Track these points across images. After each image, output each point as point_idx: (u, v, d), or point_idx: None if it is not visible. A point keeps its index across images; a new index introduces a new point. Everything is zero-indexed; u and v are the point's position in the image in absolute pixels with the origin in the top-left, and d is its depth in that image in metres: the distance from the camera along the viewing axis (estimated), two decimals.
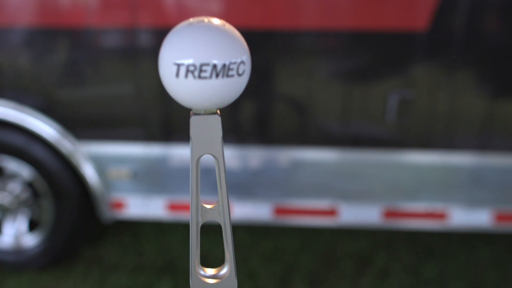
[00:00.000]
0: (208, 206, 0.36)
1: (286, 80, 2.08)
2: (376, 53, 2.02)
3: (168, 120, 2.16)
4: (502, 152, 2.10)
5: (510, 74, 2.04)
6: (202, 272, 0.36)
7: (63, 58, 2.11)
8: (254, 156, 2.18)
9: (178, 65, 0.32)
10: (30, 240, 2.42)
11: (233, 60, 0.33)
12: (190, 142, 0.33)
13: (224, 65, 0.32)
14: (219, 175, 0.34)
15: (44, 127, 2.18)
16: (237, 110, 2.14)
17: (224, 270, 0.37)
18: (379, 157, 2.12)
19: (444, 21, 1.92)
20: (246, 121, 2.16)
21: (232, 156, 2.17)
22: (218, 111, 0.32)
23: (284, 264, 2.45)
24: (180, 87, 0.30)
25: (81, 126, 2.20)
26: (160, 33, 2.04)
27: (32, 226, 2.45)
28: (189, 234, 0.35)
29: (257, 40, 2.00)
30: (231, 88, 0.30)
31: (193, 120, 0.31)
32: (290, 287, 2.30)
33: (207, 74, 0.32)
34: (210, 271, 0.37)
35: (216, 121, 0.32)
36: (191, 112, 0.33)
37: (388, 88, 2.01)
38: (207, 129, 0.33)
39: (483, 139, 2.08)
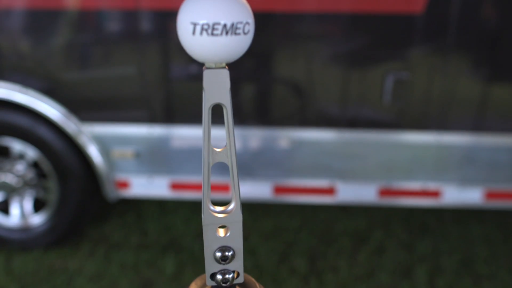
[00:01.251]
0: (218, 150, 0.42)
1: (285, 63, 2.14)
2: (373, 36, 2.08)
3: (170, 102, 2.22)
4: (494, 133, 2.17)
5: (504, 57, 2.11)
6: (212, 208, 0.42)
7: (67, 41, 2.16)
8: (255, 137, 2.24)
9: (194, 24, 0.38)
10: (37, 219, 2.49)
11: (240, 21, 0.39)
12: (203, 93, 0.39)
13: (232, 24, 0.39)
14: (227, 122, 0.40)
15: (50, 109, 2.23)
16: (238, 92, 2.21)
17: (231, 206, 0.43)
18: (375, 138, 2.19)
19: (439, 5, 1.99)
20: (246, 103, 2.23)
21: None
22: (226, 66, 0.38)
23: (283, 242, 2.54)
24: (196, 43, 0.36)
25: (84, 108, 2.25)
26: (163, 16, 2.09)
27: (39, 205, 2.51)
28: (202, 175, 0.42)
29: (256, 23, 2.05)
30: (238, 44, 0.36)
31: (206, 73, 0.37)
32: (290, 264, 2.39)
33: (218, 31, 0.39)
34: (219, 208, 0.43)
35: (225, 74, 0.38)
36: (204, 67, 0.39)
37: (384, 70, 2.08)
38: (217, 81, 0.39)
39: (476, 120, 2.15)
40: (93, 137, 2.27)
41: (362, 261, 2.40)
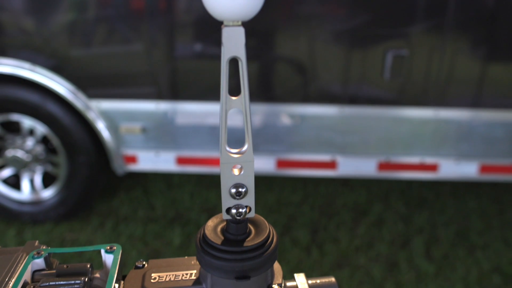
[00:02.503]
0: (233, 98, 0.49)
1: (288, 41, 2.20)
2: (372, 13, 2.13)
3: (176, 79, 2.28)
4: (490, 109, 2.24)
5: (501, 35, 2.16)
6: (228, 149, 0.50)
7: (74, 18, 2.21)
8: (258, 113, 2.31)
9: None
10: (47, 193, 2.58)
11: None
12: (222, 47, 0.45)
13: None
14: (242, 73, 0.46)
15: (58, 85, 2.29)
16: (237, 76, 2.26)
17: (244, 148, 0.50)
18: (375, 114, 2.26)
19: None
20: (251, 80, 2.29)
21: (237, 112, 2.30)
22: (241, 25, 0.45)
23: (286, 215, 2.63)
24: (215, 1, 0.42)
25: (92, 84, 2.31)
26: None
27: (49, 180, 2.60)
28: (219, 121, 0.49)
29: None
30: (253, 4, 0.43)
31: (224, 30, 0.44)
32: (292, 235, 2.48)
33: None
34: (234, 150, 0.51)
35: (241, 31, 0.44)
36: (222, 25, 0.45)
37: (384, 48, 2.13)
38: (234, 38, 0.45)
39: (473, 97, 2.21)
40: (101, 113, 2.33)
41: (361, 233, 2.49)
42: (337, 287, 0.59)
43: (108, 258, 0.59)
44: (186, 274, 0.56)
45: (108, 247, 0.59)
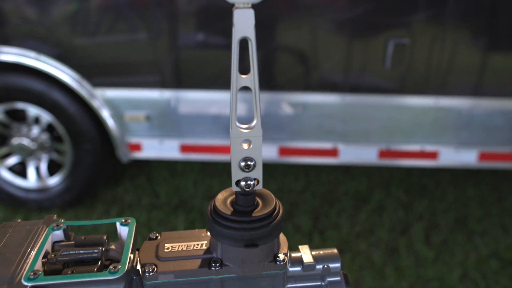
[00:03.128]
0: (243, 76, 0.52)
1: (289, 30, 2.22)
2: (374, 2, 2.15)
3: (180, 67, 2.31)
4: (490, 97, 2.26)
5: (501, 24, 2.18)
6: (238, 124, 0.53)
7: (79, 7, 2.24)
8: (261, 101, 2.34)
9: None
10: (53, 180, 2.62)
11: None
12: (233, 28, 0.48)
13: None
14: (252, 53, 0.49)
15: (63, 74, 2.32)
16: (246, 58, 2.29)
17: (253, 123, 0.54)
18: (377, 102, 2.28)
19: None
20: None
21: (240, 100, 2.34)
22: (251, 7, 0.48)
23: (288, 202, 2.67)
24: None
25: (96, 73, 2.34)
26: None
27: (55, 167, 2.64)
28: (229, 98, 0.52)
29: None
30: None
31: (235, 12, 0.47)
32: (294, 221, 2.52)
33: None
34: (244, 125, 0.54)
35: (251, 13, 0.47)
36: (233, 7, 0.48)
37: (386, 37, 2.15)
38: (244, 19, 0.48)
39: (473, 85, 2.24)
40: (105, 101, 2.36)
41: (362, 220, 2.53)
42: (339, 258, 0.62)
43: (123, 231, 0.63)
44: (197, 244, 0.60)
45: (123, 220, 0.63)
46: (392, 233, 2.43)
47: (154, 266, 0.57)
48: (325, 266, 0.62)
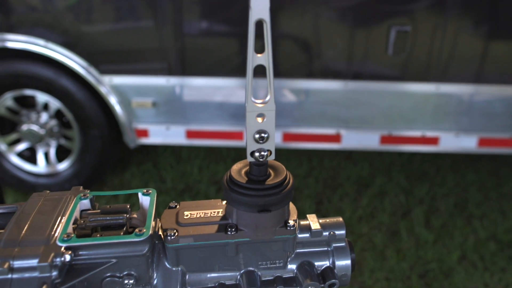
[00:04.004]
0: (259, 55, 0.57)
1: (293, 17, 2.26)
2: None
3: (186, 55, 2.35)
4: (490, 84, 2.31)
5: (502, 12, 2.21)
6: (253, 99, 0.58)
7: None
8: (264, 88, 2.38)
9: None
10: (61, 166, 2.67)
11: None
12: (249, 11, 0.53)
13: None
14: (266, 34, 0.54)
15: (71, 61, 2.37)
16: (247, 44, 2.33)
17: (267, 98, 0.59)
18: (379, 88, 2.33)
19: None
20: None
21: (243, 87, 2.38)
22: None
23: None
24: None
25: (104, 60, 2.39)
26: None
27: (64, 153, 2.69)
28: (246, 75, 0.56)
29: None
30: None
31: None
32: (297, 206, 2.56)
33: None
34: (259, 100, 0.59)
35: None
36: None
37: (388, 25, 2.19)
38: (260, 2, 0.53)
39: (474, 73, 2.28)
40: (113, 88, 2.41)
41: (364, 204, 2.59)
42: (344, 226, 0.68)
43: (144, 200, 0.69)
44: (214, 212, 0.65)
45: (145, 190, 0.68)
46: (393, 217, 2.48)
47: (175, 231, 0.62)
48: (331, 232, 0.67)
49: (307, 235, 0.66)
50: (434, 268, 2.14)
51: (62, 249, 0.56)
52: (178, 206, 0.68)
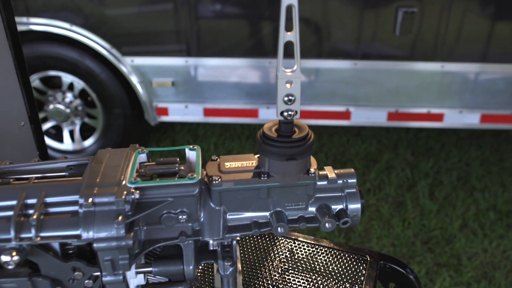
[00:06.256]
0: (288, 33, 0.70)
1: (305, 1, 2.37)
2: None
3: (204, 36, 2.48)
4: (493, 63, 2.42)
5: None
6: (283, 69, 0.71)
7: None
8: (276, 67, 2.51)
9: None
10: (86, 143, 2.84)
11: None
12: None
13: None
14: (295, 16, 0.66)
15: (94, 44, 2.51)
16: (262, 27, 2.46)
17: (294, 68, 0.72)
18: (386, 68, 2.45)
19: None
20: (268, 38, 2.48)
21: (257, 67, 2.52)
22: None
23: None
24: None
25: (125, 42, 2.52)
26: None
27: (88, 131, 2.85)
28: (277, 50, 0.67)
29: None
30: None
31: None
32: None
33: None
34: (288, 69, 0.72)
35: None
36: None
37: (396, 5, 2.30)
38: None
39: (478, 52, 2.39)
40: (134, 69, 2.55)
41: (372, 178, 2.73)
42: (355, 175, 0.82)
43: (191, 155, 0.83)
44: (249, 163, 0.79)
45: (191, 146, 0.83)
46: (399, 190, 2.63)
47: (219, 177, 0.76)
48: (345, 180, 0.81)
49: (325, 182, 0.80)
50: (437, 235, 2.28)
51: (132, 189, 0.70)
52: (218, 159, 0.82)
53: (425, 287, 2.01)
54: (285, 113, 0.73)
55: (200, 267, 0.98)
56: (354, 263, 0.98)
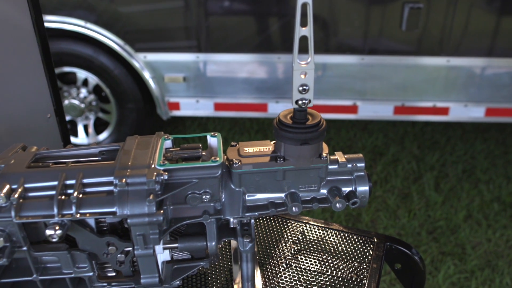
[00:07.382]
0: (303, 28, 0.76)
1: None
2: None
3: (214, 33, 2.55)
4: (498, 58, 2.47)
5: None
6: (298, 61, 0.78)
7: None
8: (283, 63, 2.57)
9: None
10: (102, 136, 2.92)
11: None
12: None
13: None
14: (309, 12, 0.73)
15: (108, 41, 2.58)
16: (271, 23, 2.52)
17: (308, 60, 0.78)
18: (393, 62, 2.50)
19: None
20: (276, 33, 2.55)
21: (266, 62, 2.58)
22: None
23: None
24: None
25: (138, 39, 2.60)
26: None
27: (102, 126, 2.93)
28: (293, 44, 0.73)
29: None
30: None
31: None
32: None
33: None
34: (303, 61, 0.78)
35: None
36: None
37: (402, 1, 2.36)
38: None
39: (483, 47, 2.44)
40: (146, 64, 2.63)
41: (378, 171, 2.79)
42: (364, 160, 0.89)
43: (212, 141, 0.90)
44: (266, 148, 0.86)
45: (213, 133, 0.90)
46: (405, 182, 2.69)
47: (239, 160, 0.83)
48: (354, 164, 0.88)
49: (336, 166, 0.87)
50: (442, 225, 2.35)
51: (161, 171, 0.78)
52: (237, 145, 0.89)
53: (430, 274, 2.07)
54: (300, 102, 0.80)
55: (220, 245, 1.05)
56: (362, 244, 1.05)
